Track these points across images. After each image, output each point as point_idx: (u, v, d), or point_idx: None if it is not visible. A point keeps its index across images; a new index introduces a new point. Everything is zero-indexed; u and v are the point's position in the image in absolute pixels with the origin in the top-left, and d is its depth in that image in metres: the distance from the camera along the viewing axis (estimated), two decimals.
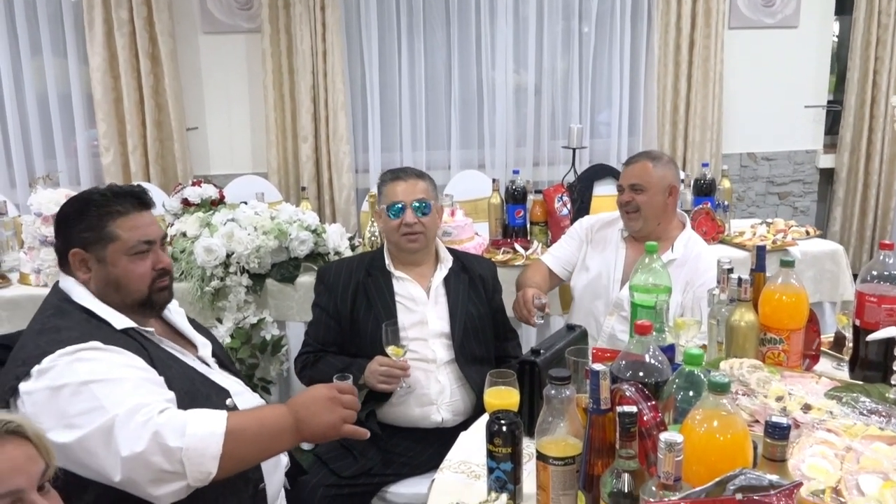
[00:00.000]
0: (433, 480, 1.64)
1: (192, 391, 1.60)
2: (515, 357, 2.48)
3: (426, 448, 2.27)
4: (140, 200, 1.69)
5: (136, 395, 1.44)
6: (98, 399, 1.42)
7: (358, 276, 2.36)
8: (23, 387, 1.47)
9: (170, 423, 1.42)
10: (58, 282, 1.70)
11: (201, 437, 1.43)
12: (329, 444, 2.28)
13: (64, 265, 1.68)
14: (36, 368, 1.46)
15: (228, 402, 1.67)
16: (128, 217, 1.65)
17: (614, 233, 2.65)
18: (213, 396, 1.65)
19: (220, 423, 1.45)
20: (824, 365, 2.00)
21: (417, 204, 2.30)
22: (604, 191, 3.94)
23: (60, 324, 1.57)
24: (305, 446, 2.54)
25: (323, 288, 2.39)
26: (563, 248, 2.77)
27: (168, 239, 1.83)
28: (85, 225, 1.63)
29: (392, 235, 2.34)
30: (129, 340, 1.59)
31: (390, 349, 2.12)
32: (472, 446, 1.73)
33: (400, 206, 2.30)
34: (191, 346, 1.80)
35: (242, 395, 1.77)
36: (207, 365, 1.78)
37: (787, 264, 1.84)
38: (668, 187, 2.50)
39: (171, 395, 1.53)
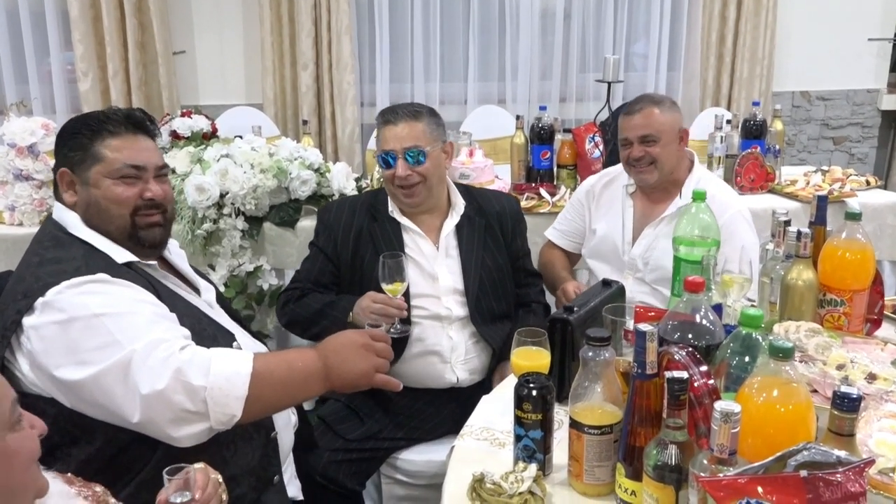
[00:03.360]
0: (453, 447, 1.65)
1: (199, 331, 1.61)
2: (538, 302, 2.48)
3: (439, 410, 2.29)
4: (137, 123, 1.69)
5: (153, 331, 1.46)
6: (112, 333, 1.44)
7: (362, 219, 2.32)
8: (27, 321, 1.48)
9: (193, 360, 1.44)
10: (51, 213, 1.70)
11: (226, 376, 1.45)
12: (333, 405, 2.29)
13: (55, 190, 1.70)
14: (40, 301, 1.47)
15: (234, 345, 1.69)
16: (118, 138, 1.66)
17: (618, 190, 2.62)
18: (220, 339, 1.67)
19: (247, 364, 1.48)
20: (887, 330, 1.98)
21: (411, 154, 2.21)
22: None
23: (61, 255, 1.57)
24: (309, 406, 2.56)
25: (322, 227, 2.36)
26: (568, 219, 2.77)
27: (168, 172, 1.84)
28: (74, 143, 1.65)
29: (389, 186, 2.29)
30: (134, 275, 1.60)
31: (389, 286, 2.06)
32: (495, 411, 1.74)
33: (391, 156, 2.23)
34: (193, 288, 1.81)
35: (247, 344, 1.77)
36: (211, 307, 1.80)
37: (853, 217, 1.82)
38: (679, 132, 2.47)
39: (187, 332, 1.55)
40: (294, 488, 1.86)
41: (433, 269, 2.29)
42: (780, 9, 4.61)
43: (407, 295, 2.15)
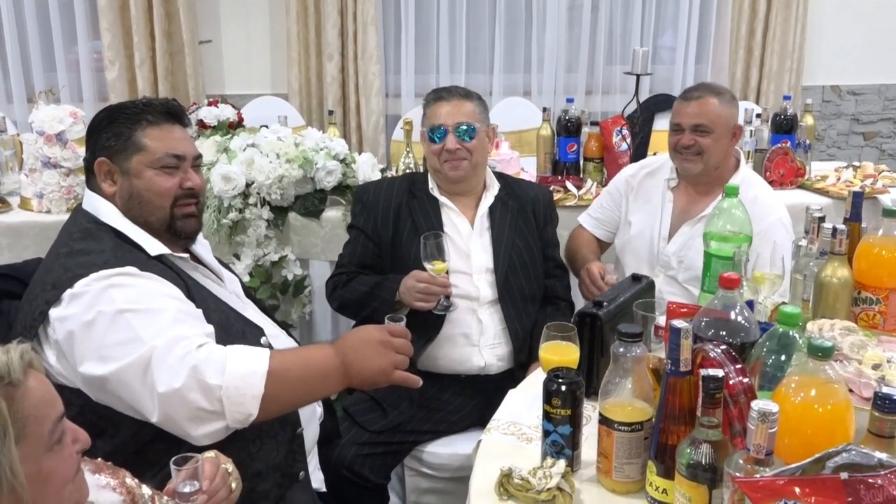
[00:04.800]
0: (479, 442, 1.63)
1: (227, 326, 1.61)
2: (564, 300, 2.47)
3: (465, 402, 2.28)
4: (174, 113, 1.70)
5: (175, 328, 1.46)
6: (135, 329, 1.44)
7: (401, 197, 2.36)
8: (54, 312, 1.48)
9: (209, 359, 1.43)
10: (80, 203, 1.70)
11: (242, 375, 1.44)
12: (357, 397, 2.29)
13: (91, 180, 1.69)
14: (68, 292, 1.48)
15: (263, 340, 1.68)
16: (158, 127, 1.66)
17: (659, 183, 2.56)
18: (248, 334, 1.66)
19: (263, 362, 1.47)
20: None
21: (463, 128, 2.27)
22: (666, 125, 3.83)
23: (91, 246, 1.57)
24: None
25: (361, 207, 2.39)
26: (604, 207, 2.71)
27: (202, 162, 1.83)
28: (112, 132, 1.65)
29: (434, 161, 2.32)
30: (164, 268, 1.60)
31: (432, 265, 2.11)
32: (522, 405, 1.73)
33: (442, 130, 2.27)
34: (219, 280, 1.80)
35: (278, 338, 1.78)
36: (240, 300, 1.79)
37: (890, 214, 1.78)
38: (733, 128, 2.40)
39: (211, 329, 1.54)
40: (317, 480, 1.86)
41: (467, 247, 2.33)
42: (811, 1, 4.55)
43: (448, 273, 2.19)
